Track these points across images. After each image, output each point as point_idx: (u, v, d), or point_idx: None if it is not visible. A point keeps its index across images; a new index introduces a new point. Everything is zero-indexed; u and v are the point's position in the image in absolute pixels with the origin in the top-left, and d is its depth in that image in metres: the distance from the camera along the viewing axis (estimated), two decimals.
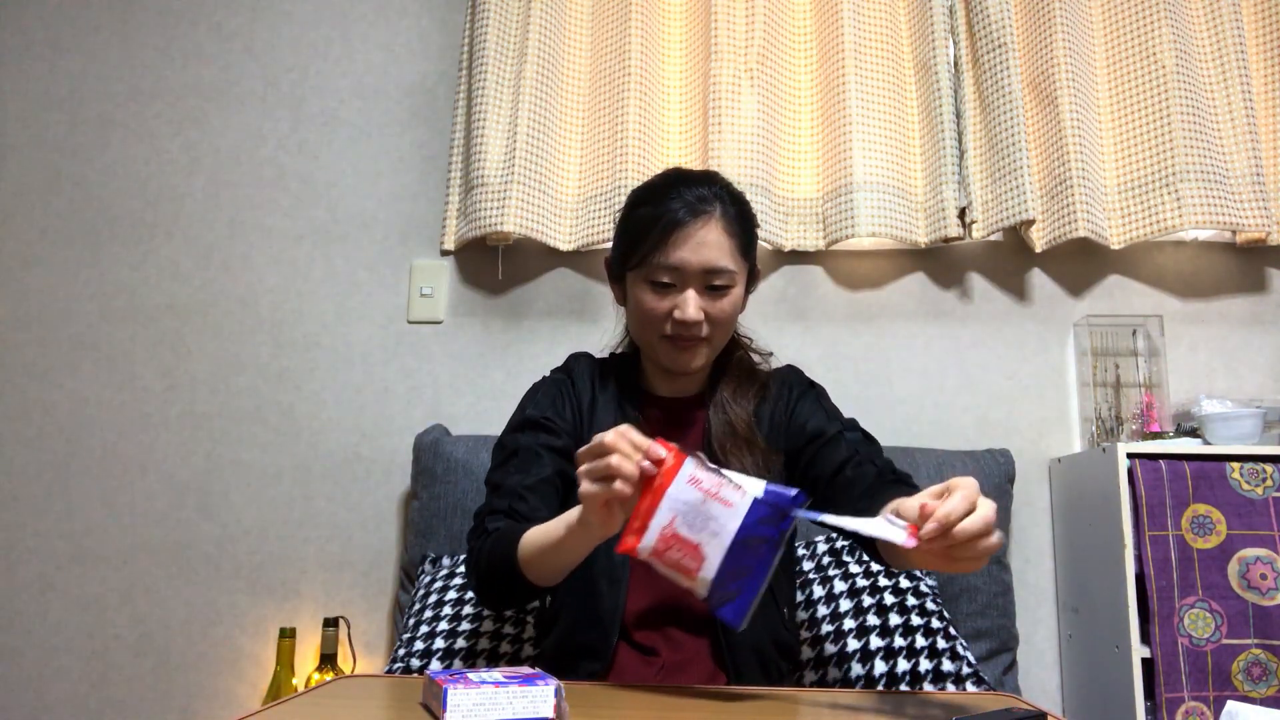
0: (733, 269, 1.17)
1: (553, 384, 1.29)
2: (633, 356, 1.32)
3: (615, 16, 1.96)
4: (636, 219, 1.19)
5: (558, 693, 0.76)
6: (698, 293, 1.16)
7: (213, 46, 2.12)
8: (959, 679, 1.43)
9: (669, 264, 1.15)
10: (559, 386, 1.28)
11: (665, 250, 1.15)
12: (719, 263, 1.16)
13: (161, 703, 1.86)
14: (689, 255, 1.14)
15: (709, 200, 1.17)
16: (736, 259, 1.18)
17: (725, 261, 1.16)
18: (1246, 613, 1.48)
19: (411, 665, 1.48)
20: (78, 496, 1.95)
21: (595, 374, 1.29)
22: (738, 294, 1.20)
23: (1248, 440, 1.62)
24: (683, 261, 1.15)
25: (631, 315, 1.24)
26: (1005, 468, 1.77)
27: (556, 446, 1.20)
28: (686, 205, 1.16)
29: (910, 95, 1.93)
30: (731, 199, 1.20)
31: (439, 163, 2.03)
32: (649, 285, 1.17)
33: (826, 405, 1.28)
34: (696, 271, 1.15)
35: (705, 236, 1.15)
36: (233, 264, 2.03)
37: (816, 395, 1.30)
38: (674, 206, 1.16)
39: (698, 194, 1.17)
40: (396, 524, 1.90)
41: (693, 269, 1.15)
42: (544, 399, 1.26)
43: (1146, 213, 1.81)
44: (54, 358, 2.01)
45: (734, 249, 1.17)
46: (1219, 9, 1.87)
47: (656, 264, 1.15)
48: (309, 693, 0.96)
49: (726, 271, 1.16)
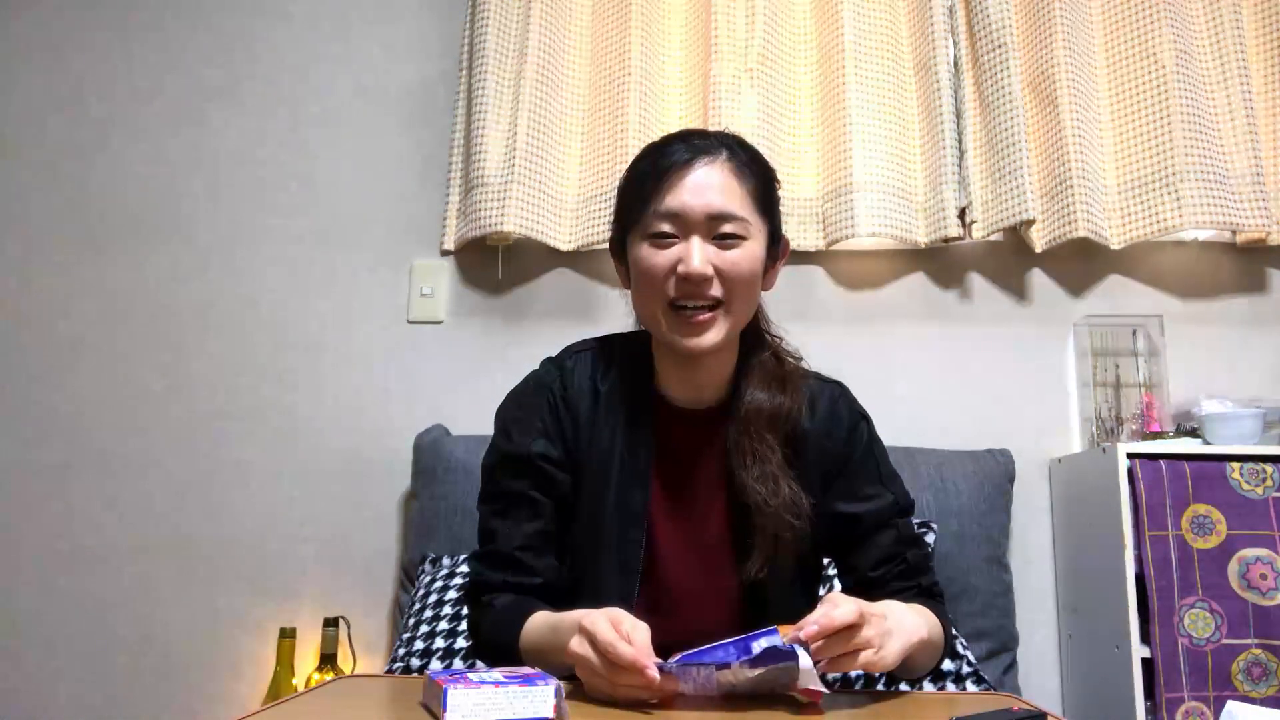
0: (743, 216, 1.01)
1: (539, 394, 1.11)
2: (643, 347, 1.13)
3: (615, 16, 1.96)
4: (635, 173, 1.06)
5: (558, 693, 0.76)
6: (704, 243, 1.00)
7: (213, 46, 2.12)
8: (959, 679, 1.43)
9: (667, 209, 1.00)
10: (548, 399, 1.10)
11: (663, 195, 1.00)
12: (726, 207, 1.00)
13: (162, 703, 1.86)
14: (690, 198, 0.99)
15: (715, 145, 1.03)
16: (749, 208, 1.02)
17: (734, 207, 1.00)
18: (1246, 613, 1.48)
19: (411, 665, 1.48)
20: (78, 496, 1.95)
21: (597, 374, 1.11)
22: (754, 250, 1.02)
23: (1248, 440, 1.62)
24: (684, 206, 0.99)
25: (635, 286, 1.06)
26: (1005, 468, 1.77)
27: (549, 488, 1.07)
28: (688, 148, 1.02)
29: (910, 95, 1.93)
30: (742, 146, 1.07)
31: (439, 163, 2.03)
32: (648, 241, 1.02)
33: (883, 467, 1.12)
34: (700, 217, 1.00)
35: (709, 178, 1.00)
36: (233, 264, 2.03)
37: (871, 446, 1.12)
38: (673, 151, 1.03)
39: (702, 140, 1.04)
40: (396, 524, 1.90)
41: (695, 213, 0.99)
42: (529, 420, 1.09)
43: (1146, 213, 1.81)
44: (54, 358, 2.01)
45: (746, 195, 1.02)
46: (1219, 9, 1.87)
47: (654, 212, 1.01)
48: (309, 693, 0.96)
49: (736, 218, 1.00)
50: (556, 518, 1.08)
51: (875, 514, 1.08)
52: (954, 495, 1.70)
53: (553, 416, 1.09)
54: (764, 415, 1.06)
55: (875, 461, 1.12)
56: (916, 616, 0.96)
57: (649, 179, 1.02)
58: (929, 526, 1.65)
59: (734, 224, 1.00)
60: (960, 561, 1.67)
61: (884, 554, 1.07)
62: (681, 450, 1.10)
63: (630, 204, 1.05)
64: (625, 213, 1.07)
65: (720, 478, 1.08)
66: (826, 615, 0.81)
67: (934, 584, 1.10)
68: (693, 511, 1.09)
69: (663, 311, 1.02)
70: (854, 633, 0.83)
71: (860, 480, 1.10)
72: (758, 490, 1.03)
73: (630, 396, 1.10)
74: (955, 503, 1.70)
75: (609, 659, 0.81)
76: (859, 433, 1.12)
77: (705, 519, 1.09)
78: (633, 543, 1.06)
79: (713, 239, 1.00)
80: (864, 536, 1.08)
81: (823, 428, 1.10)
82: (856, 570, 1.09)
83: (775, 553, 1.03)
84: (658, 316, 1.03)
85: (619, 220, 1.09)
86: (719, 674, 0.82)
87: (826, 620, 0.81)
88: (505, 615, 1.02)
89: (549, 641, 0.95)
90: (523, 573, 1.05)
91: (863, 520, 1.08)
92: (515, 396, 1.13)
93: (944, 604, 1.13)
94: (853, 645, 0.83)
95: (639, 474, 1.07)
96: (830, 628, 0.81)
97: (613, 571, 1.05)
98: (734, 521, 1.07)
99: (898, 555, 1.07)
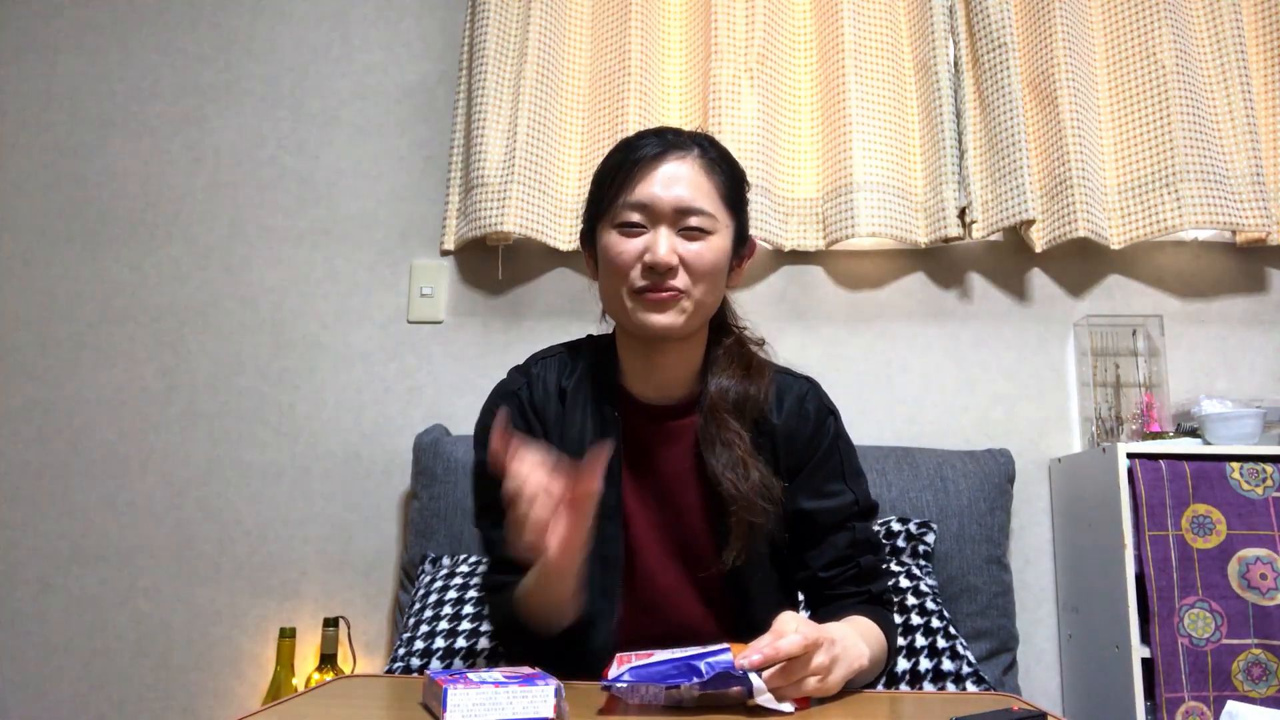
0: (710, 211, 1.04)
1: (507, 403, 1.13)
2: (610, 348, 1.16)
3: (615, 16, 1.96)
4: (607, 166, 1.09)
5: (558, 693, 0.76)
6: (670, 234, 1.03)
7: (213, 46, 2.13)
8: (959, 679, 1.43)
9: (636, 200, 1.03)
10: (517, 406, 1.13)
11: (632, 187, 1.04)
12: (694, 201, 1.03)
13: (161, 703, 1.86)
14: (659, 190, 1.03)
15: (686, 142, 1.07)
16: (716, 203, 1.05)
17: (702, 201, 1.04)
18: (1246, 613, 1.48)
19: (411, 665, 1.48)
20: (78, 496, 1.95)
21: (564, 376, 1.15)
22: (719, 245, 1.05)
23: (1248, 440, 1.62)
24: (652, 198, 1.03)
25: (602, 273, 1.09)
26: (1005, 468, 1.77)
27: None
28: (661, 143, 1.06)
29: (910, 95, 1.93)
30: (713, 145, 1.09)
31: (439, 163, 2.03)
32: (617, 230, 1.05)
33: (848, 464, 1.14)
34: (668, 210, 1.03)
35: (678, 171, 1.04)
36: (233, 264, 2.03)
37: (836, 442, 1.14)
38: (643, 145, 1.06)
39: (675, 136, 1.08)
40: (396, 524, 1.90)
41: (663, 205, 1.03)
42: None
43: (1146, 213, 1.81)
44: (54, 358, 2.01)
45: (713, 191, 1.06)
46: (1219, 9, 1.87)
47: (623, 203, 1.04)
48: (309, 693, 0.96)
49: (703, 213, 1.04)
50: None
51: (833, 513, 1.10)
52: (954, 495, 1.70)
53: (523, 421, 1.12)
54: (730, 401, 1.08)
55: (840, 458, 1.13)
56: (861, 643, 0.95)
57: (620, 170, 1.05)
58: (929, 526, 1.65)
59: (700, 218, 1.03)
60: (960, 561, 1.68)
61: (837, 555, 1.09)
62: (652, 446, 1.11)
63: (601, 195, 1.08)
64: (595, 203, 1.09)
65: (693, 471, 1.09)
66: (773, 646, 0.81)
67: (884, 591, 1.11)
68: (667, 507, 1.10)
69: (627, 298, 1.05)
70: (804, 660, 0.83)
71: (824, 475, 1.11)
72: (728, 476, 1.04)
73: (597, 396, 1.12)
74: (955, 503, 1.70)
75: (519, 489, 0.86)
76: (826, 427, 1.13)
77: (681, 513, 1.10)
78: (610, 539, 1.07)
79: (679, 231, 1.03)
80: (819, 536, 1.09)
81: (791, 422, 1.11)
82: (809, 569, 1.10)
83: (751, 539, 1.05)
84: (623, 301, 1.06)
85: (590, 211, 1.11)
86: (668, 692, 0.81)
87: (772, 651, 0.81)
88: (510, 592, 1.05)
89: (532, 580, 0.99)
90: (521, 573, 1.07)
91: (818, 519, 1.09)
92: (486, 406, 1.16)
93: (893, 612, 1.14)
94: (800, 674, 0.83)
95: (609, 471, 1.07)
96: (775, 659, 0.81)
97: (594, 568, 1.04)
98: (710, 513, 1.08)
99: (850, 559, 1.09)
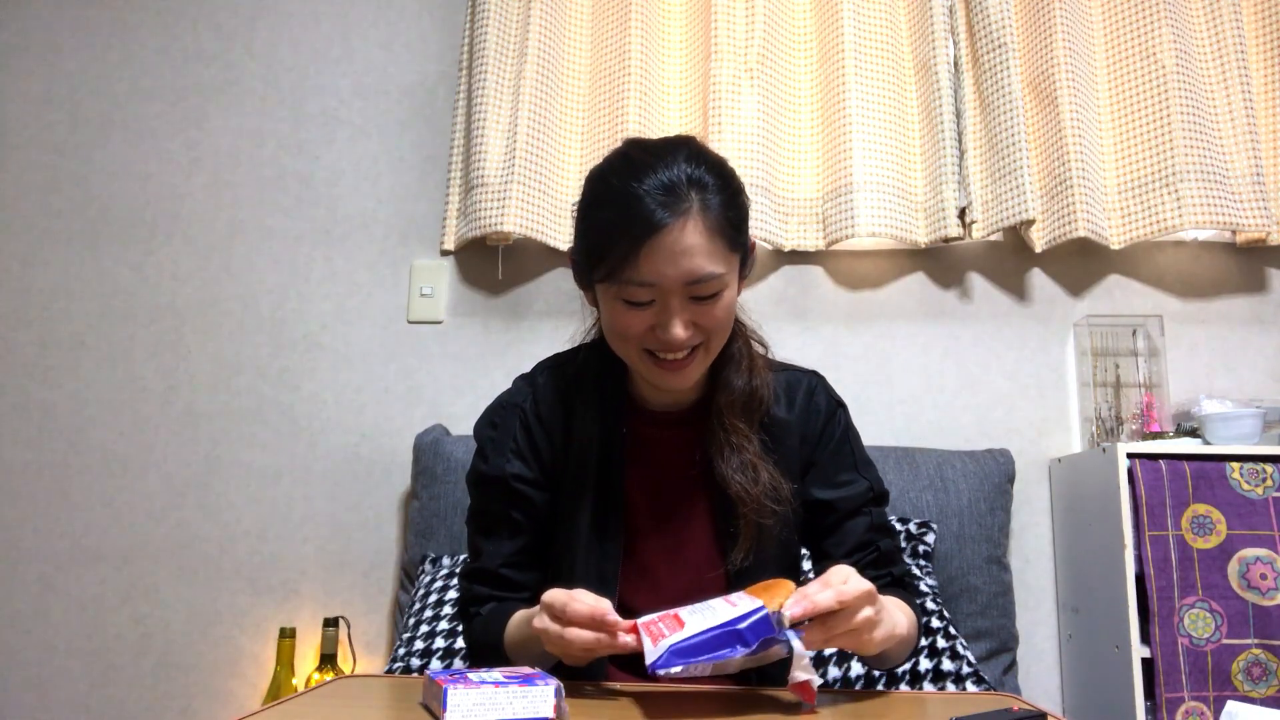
0: (721, 272, 0.96)
1: (511, 413, 1.12)
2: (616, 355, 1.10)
3: (615, 16, 1.96)
4: (597, 224, 1.00)
5: (558, 693, 0.76)
6: (681, 306, 0.96)
7: (213, 46, 2.13)
8: (959, 679, 1.43)
9: (643, 280, 0.95)
10: (520, 418, 1.11)
11: (637, 264, 0.94)
12: (704, 269, 0.95)
13: (161, 703, 1.86)
14: (667, 268, 0.94)
15: (682, 190, 0.94)
16: (725, 257, 0.97)
17: (712, 266, 0.95)
18: (1246, 613, 1.48)
19: (411, 665, 1.48)
20: (78, 496, 1.95)
21: (570, 386, 1.12)
22: (730, 296, 1.00)
23: (1248, 440, 1.62)
24: (660, 275, 0.94)
25: (606, 327, 1.05)
26: (1005, 468, 1.77)
27: (527, 508, 1.09)
28: (657, 203, 0.93)
29: (910, 95, 1.93)
30: (710, 176, 0.97)
31: (439, 163, 2.03)
32: (622, 303, 0.98)
33: (858, 454, 1.13)
34: (677, 285, 0.95)
35: (684, 241, 0.93)
36: (233, 264, 2.03)
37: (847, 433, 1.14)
38: (641, 207, 0.94)
39: (667, 181, 0.95)
40: (396, 524, 1.90)
41: (672, 282, 0.95)
42: (503, 441, 1.10)
43: (1146, 213, 1.81)
44: (54, 358, 2.01)
45: (722, 247, 0.96)
46: (1219, 9, 1.87)
47: (628, 280, 0.95)
48: (309, 693, 0.96)
49: (714, 277, 0.95)
50: (539, 531, 1.10)
51: (849, 500, 1.09)
52: (954, 495, 1.70)
53: (526, 435, 1.10)
54: (738, 404, 1.07)
55: (851, 448, 1.13)
56: (899, 613, 0.96)
57: (617, 237, 0.95)
58: (929, 526, 1.65)
59: (712, 283, 0.96)
60: (960, 561, 1.68)
61: (857, 541, 1.08)
62: (659, 452, 1.11)
63: (597, 257, 0.98)
64: (591, 263, 1.00)
65: (700, 475, 1.09)
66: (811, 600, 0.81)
67: (906, 573, 1.11)
68: (674, 512, 1.10)
69: (638, 356, 1.02)
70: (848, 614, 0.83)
71: (836, 466, 1.11)
72: (737, 479, 1.03)
73: (603, 405, 1.10)
74: (955, 503, 1.70)
75: (567, 617, 0.84)
76: (836, 419, 1.13)
77: (688, 518, 1.10)
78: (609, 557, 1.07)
79: (690, 298, 0.97)
80: (837, 524, 1.09)
81: (800, 416, 1.11)
82: (830, 558, 1.09)
83: (759, 541, 1.05)
84: (633, 359, 1.03)
85: (585, 264, 1.03)
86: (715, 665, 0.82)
87: (810, 605, 0.81)
88: (490, 621, 1.05)
89: (524, 633, 0.97)
90: (508, 588, 1.08)
91: (837, 507, 1.09)
92: (489, 414, 1.14)
93: (915, 595, 1.14)
94: (843, 628, 0.83)
95: (614, 482, 1.08)
96: (813, 611, 0.81)
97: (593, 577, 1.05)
98: (716, 516, 1.08)
99: (870, 543, 1.08)
